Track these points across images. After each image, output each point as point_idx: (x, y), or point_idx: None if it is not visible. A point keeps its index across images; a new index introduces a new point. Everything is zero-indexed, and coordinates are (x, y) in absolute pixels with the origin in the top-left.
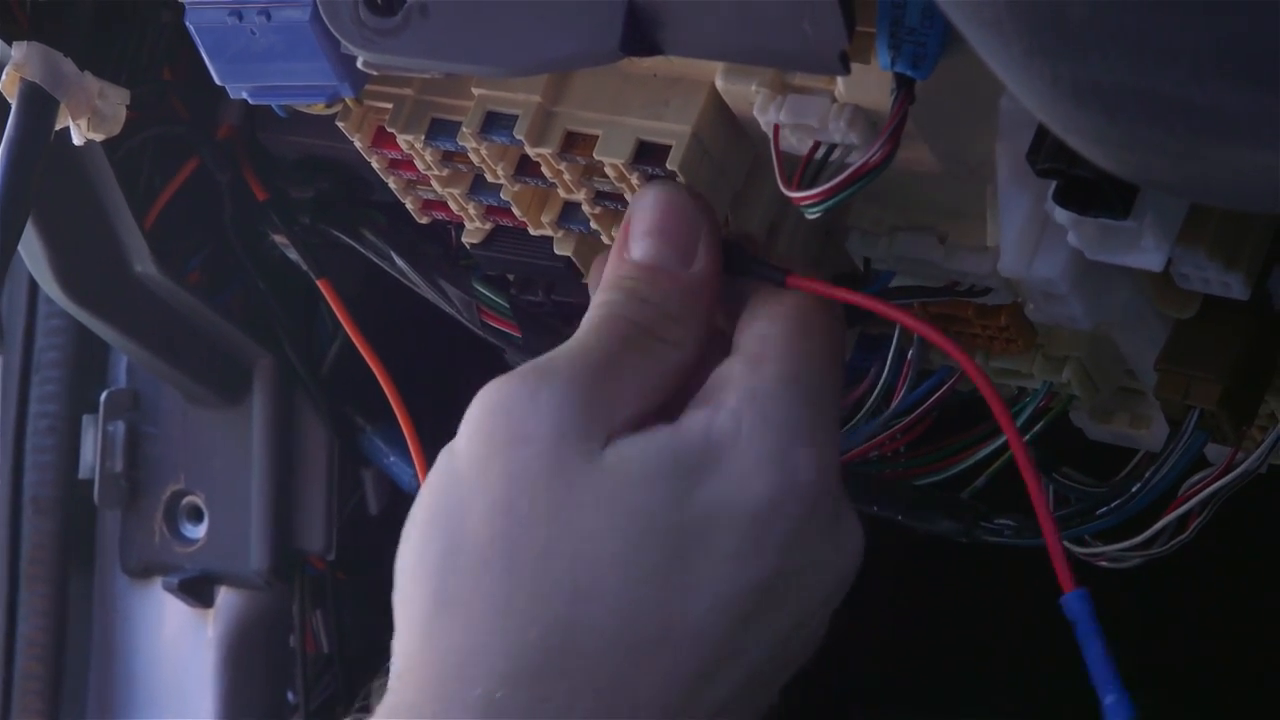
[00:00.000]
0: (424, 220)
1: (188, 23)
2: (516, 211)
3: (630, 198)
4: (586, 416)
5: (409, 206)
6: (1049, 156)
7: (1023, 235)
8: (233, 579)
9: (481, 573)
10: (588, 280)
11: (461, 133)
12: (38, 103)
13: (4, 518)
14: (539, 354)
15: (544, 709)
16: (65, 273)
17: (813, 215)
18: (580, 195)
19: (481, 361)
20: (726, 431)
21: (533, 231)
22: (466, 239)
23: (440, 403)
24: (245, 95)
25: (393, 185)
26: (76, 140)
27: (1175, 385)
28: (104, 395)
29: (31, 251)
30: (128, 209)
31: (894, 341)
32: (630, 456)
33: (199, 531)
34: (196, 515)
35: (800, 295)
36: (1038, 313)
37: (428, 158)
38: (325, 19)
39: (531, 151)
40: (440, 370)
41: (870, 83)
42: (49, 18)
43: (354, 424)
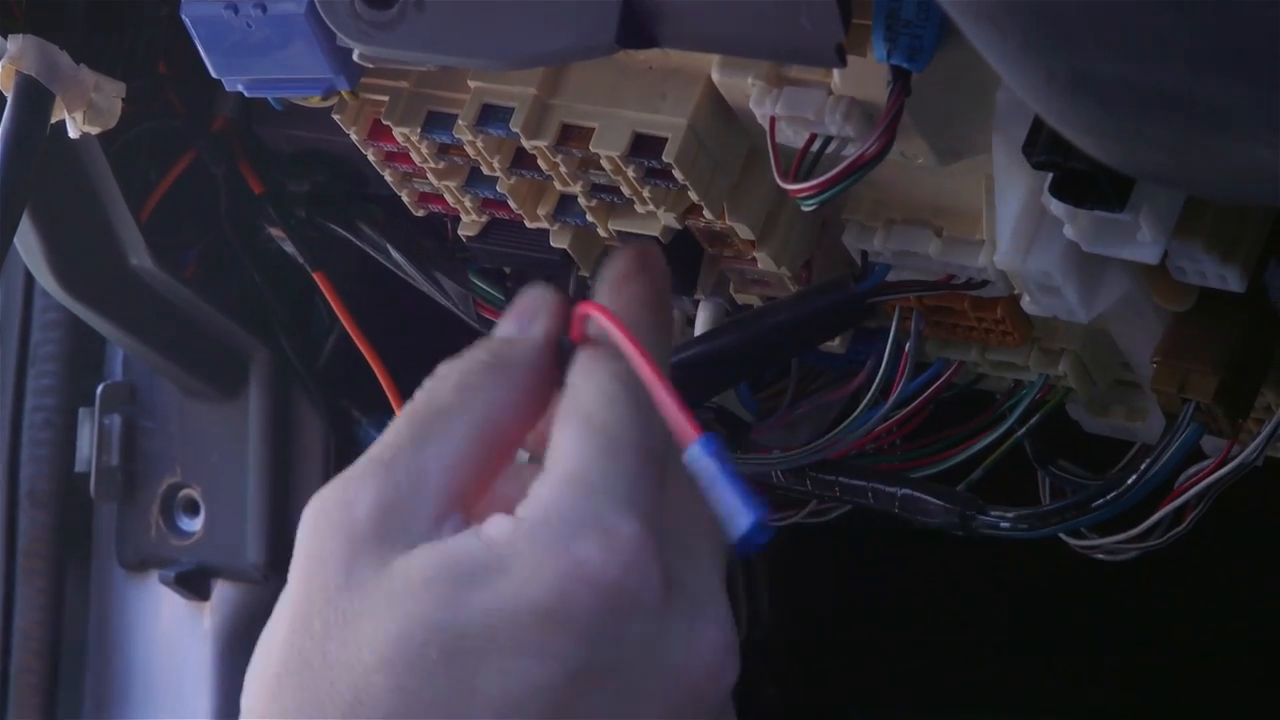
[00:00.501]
0: (420, 213)
1: (183, 16)
2: (512, 204)
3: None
4: (381, 525)
5: (405, 199)
6: (1045, 149)
7: (1019, 228)
8: (229, 572)
9: (276, 689)
10: (584, 274)
11: (457, 125)
12: (33, 96)
13: (0, 511)
14: None
15: None
16: (61, 266)
17: (809, 207)
18: (576, 188)
19: None
20: (504, 532)
21: (529, 224)
22: (462, 232)
23: None
24: (241, 88)
25: (389, 178)
26: (72, 133)
27: (1171, 378)
28: (100, 389)
29: (27, 245)
30: (123, 202)
31: (891, 334)
32: (412, 565)
33: (195, 525)
34: (193, 508)
35: (572, 382)
36: (1034, 305)
37: (424, 150)
38: (321, 12)
39: (527, 144)
40: (436, 363)
41: (866, 75)
42: (44, 11)
43: (350, 417)
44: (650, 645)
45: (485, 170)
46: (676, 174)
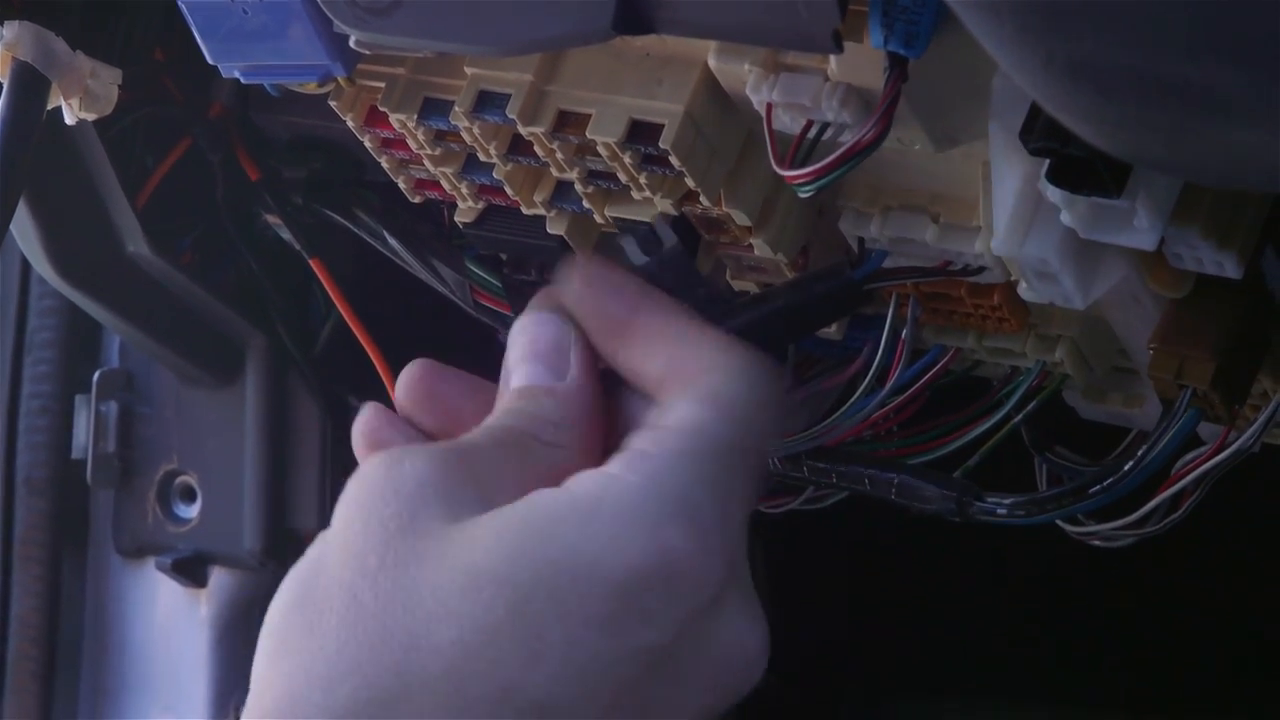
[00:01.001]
0: (417, 200)
1: (179, 2)
2: (509, 191)
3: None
4: (450, 485)
5: (402, 186)
6: (1042, 135)
7: (1015, 214)
8: (226, 559)
9: (317, 622)
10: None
11: (454, 112)
12: (30, 82)
13: None
14: None
15: None
16: (58, 253)
17: (805, 194)
18: (573, 174)
19: (474, 341)
20: (591, 493)
21: (525, 211)
22: (459, 218)
23: None
24: (237, 74)
25: (385, 165)
26: (69, 120)
27: (1168, 364)
28: (97, 375)
29: (24, 232)
30: (120, 189)
31: (888, 321)
32: (485, 520)
33: (192, 511)
34: (189, 495)
35: (703, 354)
36: (1031, 292)
37: (420, 137)
38: None
39: (524, 131)
40: (433, 350)
41: (863, 62)
42: None
43: (346, 404)
44: (706, 637)
45: (482, 157)
46: (673, 160)
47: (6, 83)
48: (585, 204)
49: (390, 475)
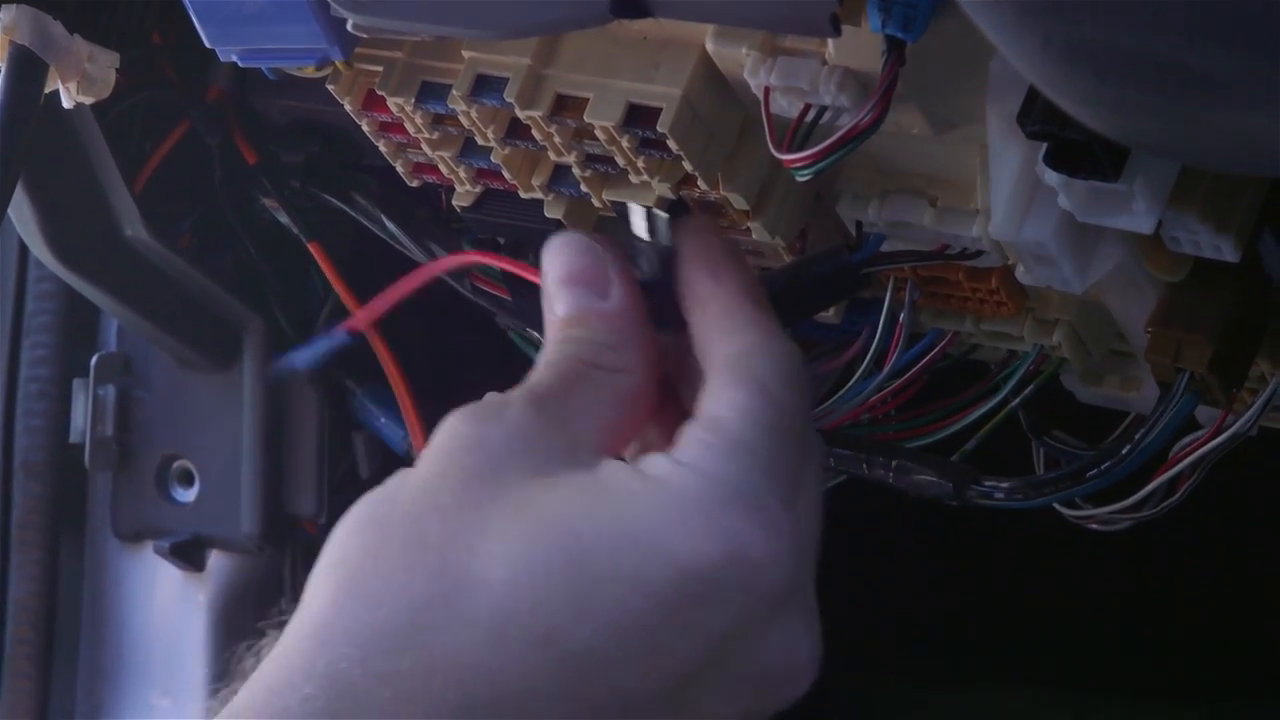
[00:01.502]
0: (414, 183)
1: None
2: (507, 175)
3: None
4: (531, 439)
5: (399, 170)
6: (1039, 119)
7: (1013, 198)
8: (224, 543)
9: (379, 545)
10: None
11: (452, 96)
12: (27, 66)
13: None
14: (528, 317)
15: (395, 685)
16: (55, 237)
17: (803, 178)
18: (571, 158)
19: (472, 324)
20: (661, 472)
21: (523, 195)
22: (457, 202)
23: (432, 365)
24: (235, 58)
25: (383, 148)
26: (66, 103)
27: (1165, 348)
28: (94, 359)
29: (21, 216)
30: (118, 173)
31: (885, 305)
32: (562, 479)
33: (190, 495)
34: (187, 479)
35: (749, 340)
36: (1028, 276)
37: (418, 121)
38: None
39: (522, 114)
40: (431, 333)
41: (861, 45)
42: None
43: (344, 387)
44: (759, 638)
45: (479, 141)
46: (671, 144)
47: (4, 66)
48: (583, 188)
49: (478, 432)
